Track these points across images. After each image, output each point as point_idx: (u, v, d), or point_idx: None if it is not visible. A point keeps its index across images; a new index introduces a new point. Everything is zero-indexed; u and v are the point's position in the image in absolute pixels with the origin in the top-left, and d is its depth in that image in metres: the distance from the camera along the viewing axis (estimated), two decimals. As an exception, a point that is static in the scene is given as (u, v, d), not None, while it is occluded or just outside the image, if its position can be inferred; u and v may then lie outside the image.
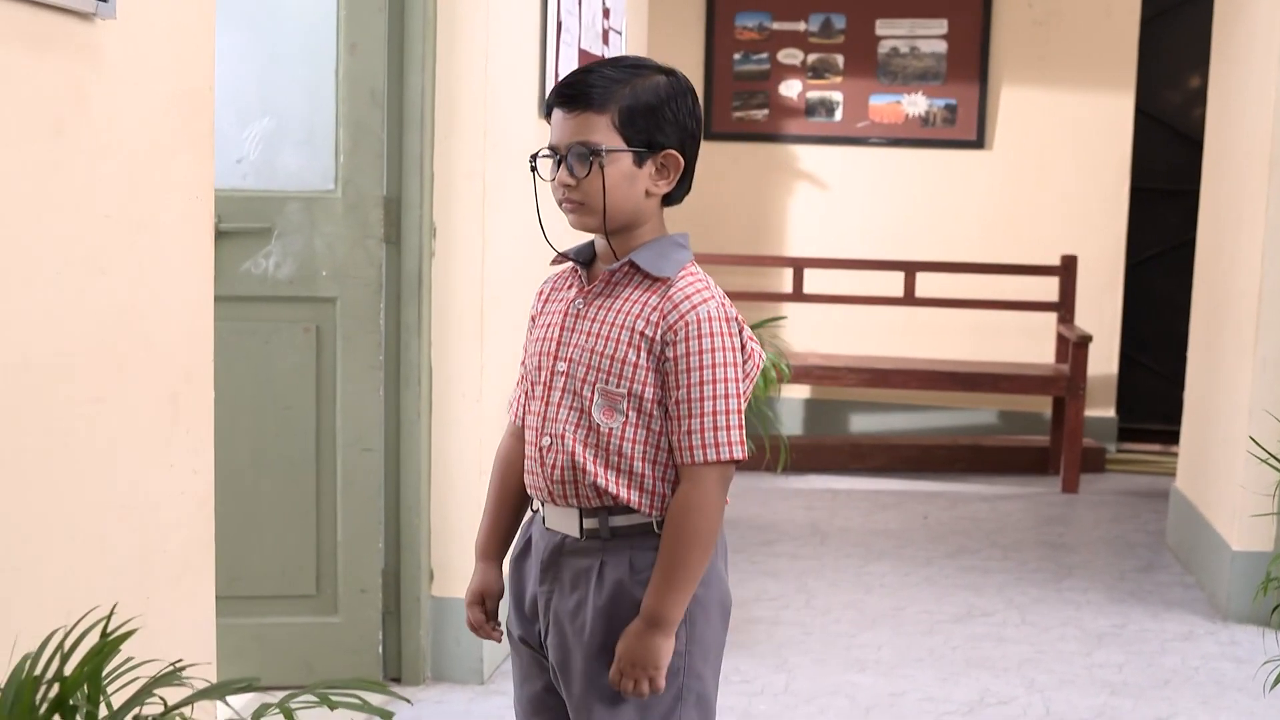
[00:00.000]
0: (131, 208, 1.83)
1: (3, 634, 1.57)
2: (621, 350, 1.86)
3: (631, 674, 1.87)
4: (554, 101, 1.87)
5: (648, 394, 1.86)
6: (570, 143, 1.84)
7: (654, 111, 1.86)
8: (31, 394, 1.64)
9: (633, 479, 1.87)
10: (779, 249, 6.53)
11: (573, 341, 1.89)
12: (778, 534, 4.92)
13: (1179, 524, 4.78)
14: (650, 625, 1.86)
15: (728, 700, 3.34)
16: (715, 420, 1.84)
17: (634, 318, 1.86)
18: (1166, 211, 6.66)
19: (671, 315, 1.84)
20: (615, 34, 4.52)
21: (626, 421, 1.86)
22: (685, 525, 1.85)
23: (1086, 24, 6.30)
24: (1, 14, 1.54)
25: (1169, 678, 3.60)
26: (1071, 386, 5.67)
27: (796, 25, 6.47)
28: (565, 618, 1.91)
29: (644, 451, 1.87)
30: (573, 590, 1.91)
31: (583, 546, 1.91)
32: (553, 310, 1.95)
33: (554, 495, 1.91)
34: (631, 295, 1.88)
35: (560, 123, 1.86)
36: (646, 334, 1.85)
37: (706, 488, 1.86)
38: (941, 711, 3.33)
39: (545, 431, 1.90)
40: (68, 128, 1.68)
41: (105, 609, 1.71)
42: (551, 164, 1.88)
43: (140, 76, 1.83)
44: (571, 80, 1.86)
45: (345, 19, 3.21)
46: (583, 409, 1.88)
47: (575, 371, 1.88)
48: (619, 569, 1.89)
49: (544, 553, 1.94)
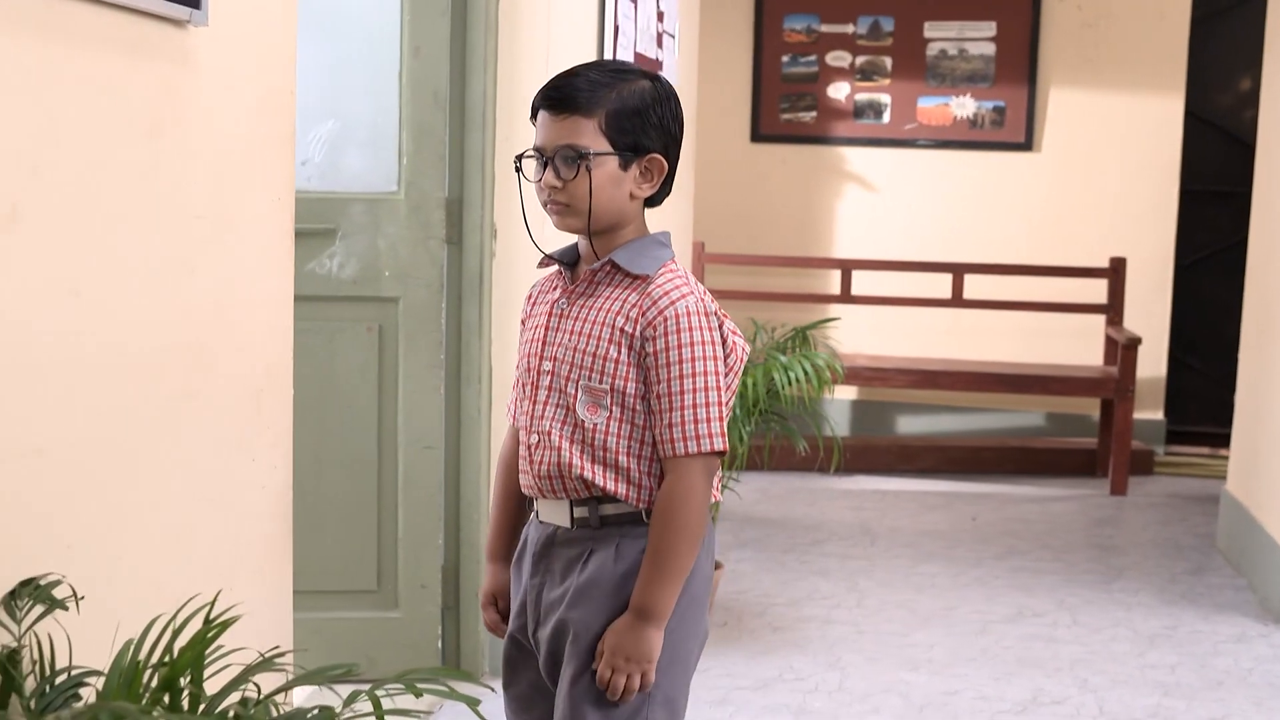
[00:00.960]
0: (219, 208, 1.88)
1: (106, 619, 1.62)
2: (603, 347, 1.89)
3: (623, 669, 1.86)
4: (540, 104, 1.89)
5: (630, 389, 1.89)
6: (557, 145, 1.86)
7: (639, 116, 1.89)
8: (130, 390, 1.70)
9: (619, 472, 1.90)
10: (827, 250, 6.55)
11: (557, 341, 1.93)
12: (827, 534, 4.94)
13: (1230, 526, 4.78)
14: (640, 618, 1.86)
15: (782, 698, 3.38)
16: (695, 413, 1.87)
17: (614, 315, 1.89)
18: (1216, 214, 6.64)
19: (650, 311, 1.87)
20: (669, 37, 4.56)
21: (610, 416, 1.89)
22: (671, 517, 1.88)
23: (1136, 26, 6.29)
24: (102, 22, 1.60)
25: (1222, 679, 3.61)
26: (1121, 389, 5.67)
27: (845, 28, 6.50)
28: (553, 607, 1.93)
29: (628, 446, 1.90)
30: (563, 580, 1.94)
31: (573, 536, 1.94)
32: (540, 313, 1.99)
33: (543, 490, 1.94)
34: (612, 294, 1.91)
35: (547, 125, 1.88)
36: (627, 330, 1.88)
37: (690, 479, 1.88)
38: (995, 710, 3.35)
39: (533, 429, 1.94)
40: (163, 131, 1.74)
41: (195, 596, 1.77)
42: (536, 165, 1.90)
43: (228, 81, 1.88)
44: (559, 84, 1.88)
45: (409, 24, 3.27)
46: (567, 405, 1.91)
47: (560, 370, 1.92)
48: (607, 556, 1.91)
49: (536, 545, 1.97)
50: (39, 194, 1.50)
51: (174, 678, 1.31)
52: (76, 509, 1.61)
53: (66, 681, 1.45)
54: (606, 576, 1.90)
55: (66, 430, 1.58)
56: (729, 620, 3.96)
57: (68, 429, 1.58)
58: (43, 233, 1.51)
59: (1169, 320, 6.42)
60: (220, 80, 1.86)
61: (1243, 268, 5.21)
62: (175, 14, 1.71)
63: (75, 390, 1.59)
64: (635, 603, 1.88)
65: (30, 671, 1.43)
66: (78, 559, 1.60)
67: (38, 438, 1.53)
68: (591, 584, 1.91)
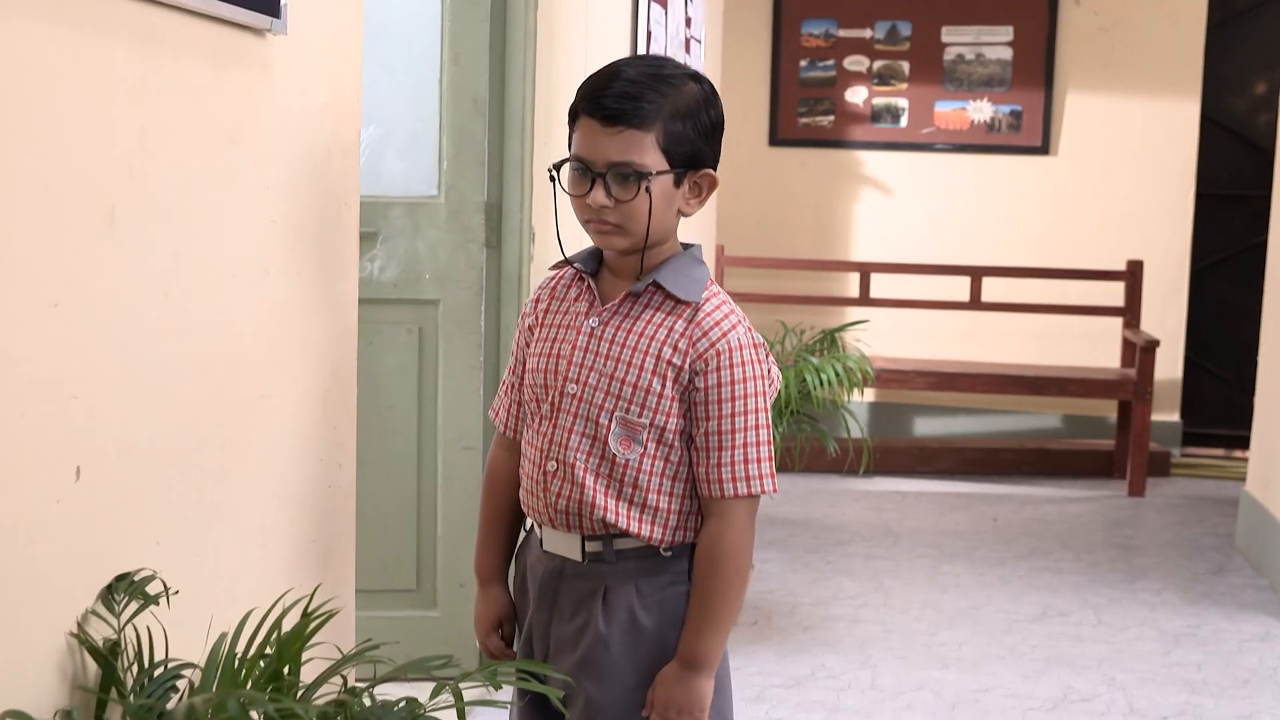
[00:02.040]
0: (291, 213, 1.93)
1: (193, 613, 1.67)
2: (645, 378, 1.76)
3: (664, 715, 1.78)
4: (589, 112, 1.73)
5: (671, 424, 1.77)
6: (613, 162, 1.72)
7: (695, 127, 1.76)
8: (212, 390, 1.75)
9: (645, 511, 1.79)
10: (845, 254, 6.60)
11: (588, 364, 1.78)
12: (850, 534, 4.99)
13: (1250, 527, 4.82)
14: (691, 669, 1.77)
15: (816, 695, 3.42)
16: (747, 453, 1.77)
17: (660, 344, 1.76)
18: (1231, 217, 6.69)
19: (701, 343, 1.76)
20: (696, 42, 4.61)
21: (645, 452, 1.78)
22: (721, 562, 1.77)
23: (1152, 31, 6.34)
24: (190, 31, 1.64)
25: (1248, 677, 3.65)
26: (1139, 391, 5.72)
27: (863, 32, 6.55)
28: (566, 645, 1.82)
29: (660, 484, 1.79)
30: (573, 616, 1.82)
31: (584, 570, 1.82)
32: (559, 324, 1.84)
33: (554, 520, 1.82)
34: (654, 318, 1.78)
35: (596, 137, 1.72)
36: (675, 363, 1.75)
37: (739, 522, 1.78)
38: (1026, 708, 3.39)
39: (552, 456, 1.80)
40: (242, 137, 1.78)
41: (288, 591, 1.82)
42: (577, 177, 1.75)
43: (301, 88, 1.93)
44: (617, 92, 1.72)
45: (449, 31, 3.31)
46: (596, 437, 1.78)
47: (592, 397, 1.78)
48: (626, 595, 1.80)
49: (541, 576, 1.85)
50: (135, 198, 1.55)
51: (280, 668, 1.35)
52: (163, 506, 1.65)
53: (165, 674, 1.49)
54: (647, 635, 1.80)
55: (155, 429, 1.62)
56: (759, 619, 4.00)
57: (156, 428, 1.62)
58: (137, 235, 1.56)
59: (1185, 323, 6.47)
60: (294, 87, 1.91)
61: (1258, 271, 5.25)
62: (257, 23, 1.75)
63: (163, 390, 1.63)
64: (686, 653, 1.78)
65: (131, 664, 1.48)
66: (165, 555, 1.64)
67: (130, 436, 1.57)
68: (605, 650, 1.79)
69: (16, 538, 1.39)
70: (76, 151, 1.45)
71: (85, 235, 1.47)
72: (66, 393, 1.45)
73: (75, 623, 1.48)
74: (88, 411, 1.48)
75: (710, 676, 1.79)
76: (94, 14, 1.46)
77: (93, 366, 1.49)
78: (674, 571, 1.82)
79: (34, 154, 1.38)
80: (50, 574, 1.45)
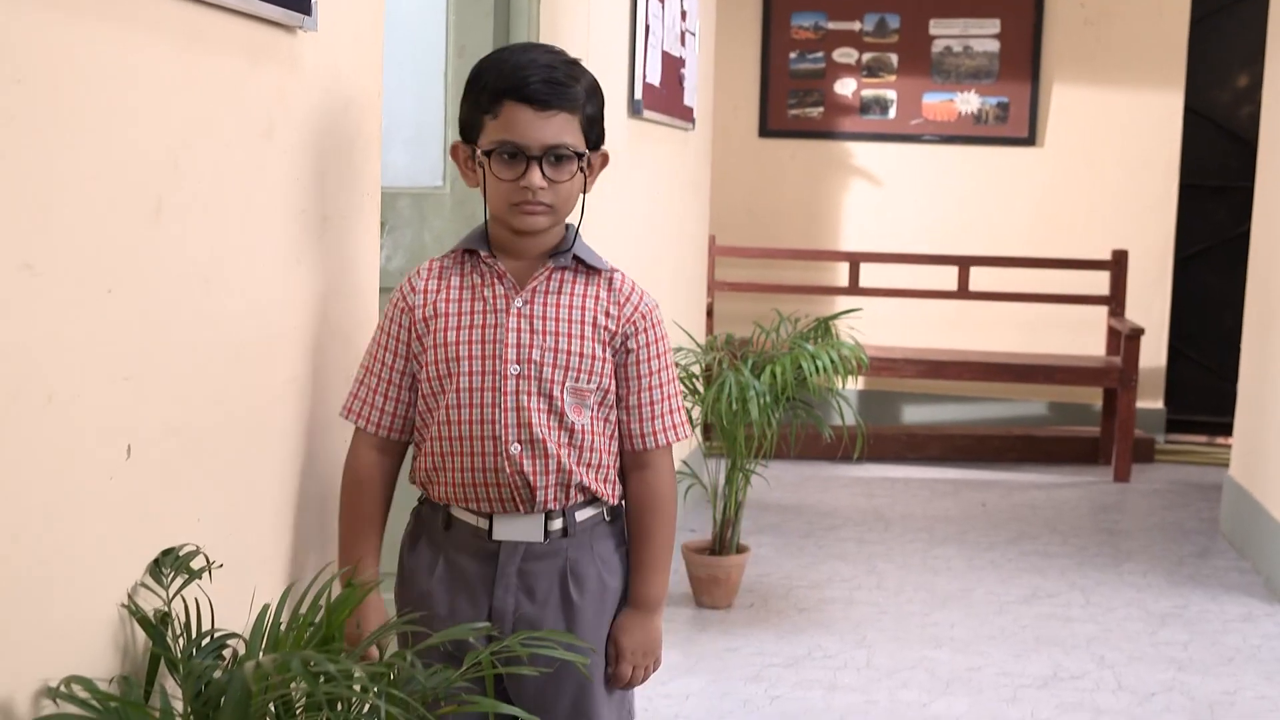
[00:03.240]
0: (319, 204, 2.00)
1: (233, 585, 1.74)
2: (589, 346, 1.86)
3: (643, 662, 1.95)
4: (524, 98, 1.79)
5: (608, 385, 1.88)
6: (550, 144, 1.79)
7: (600, 109, 1.89)
8: (249, 374, 1.82)
9: (599, 471, 1.89)
10: (834, 244, 6.68)
11: (527, 342, 1.84)
12: (842, 519, 5.07)
13: (1233, 511, 4.92)
14: (649, 610, 1.95)
15: (814, 674, 3.51)
16: (671, 404, 1.92)
17: (593, 312, 1.86)
18: (1215, 208, 6.79)
19: (627, 308, 1.89)
20: (690, 35, 4.68)
21: (593, 415, 1.87)
22: (661, 508, 1.93)
23: (1137, 24, 6.44)
24: (229, 28, 1.71)
25: (1232, 655, 3.75)
26: (1124, 378, 5.81)
27: (851, 25, 6.63)
28: (542, 624, 1.88)
29: (605, 444, 1.89)
30: (546, 596, 1.88)
31: (546, 550, 1.88)
32: (472, 310, 1.87)
33: (515, 502, 1.85)
34: (578, 290, 1.87)
35: (531, 121, 1.79)
36: (610, 328, 1.87)
37: (667, 468, 1.94)
38: (1018, 685, 3.48)
39: (516, 439, 1.84)
40: (275, 130, 1.85)
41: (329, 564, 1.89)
42: (505, 161, 1.81)
43: (327, 83, 2.00)
44: (544, 78, 1.80)
45: (454, 24, 3.38)
46: (553, 410, 1.84)
47: (540, 374, 1.83)
48: (590, 564, 1.90)
49: (503, 565, 1.87)
50: (178, 189, 1.62)
51: (329, 634, 1.43)
52: (204, 484, 1.72)
53: (211, 643, 1.56)
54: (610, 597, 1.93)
55: (196, 410, 1.69)
56: (755, 602, 4.08)
57: (197, 409, 1.69)
58: (180, 225, 1.63)
59: (1169, 312, 6.57)
60: (321, 82, 1.98)
61: (1240, 261, 5.35)
62: (290, 20, 1.82)
63: (203, 373, 1.70)
64: (642, 599, 1.94)
65: (180, 634, 1.55)
66: (206, 531, 1.71)
67: (175, 417, 1.64)
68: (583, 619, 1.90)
69: (72, 513, 1.46)
70: (125, 144, 1.52)
71: (135, 225, 1.54)
72: (118, 374, 1.52)
73: (126, 594, 1.56)
74: (137, 393, 1.55)
75: (661, 613, 1.97)
76: (141, 12, 1.53)
77: (142, 350, 1.56)
78: (616, 532, 1.97)
79: (87, 146, 1.45)
80: (103, 548, 1.52)
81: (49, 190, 1.38)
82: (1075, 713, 3.31)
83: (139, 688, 1.50)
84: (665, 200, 4.63)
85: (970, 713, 3.29)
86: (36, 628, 1.41)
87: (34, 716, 1.39)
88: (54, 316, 1.40)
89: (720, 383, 3.79)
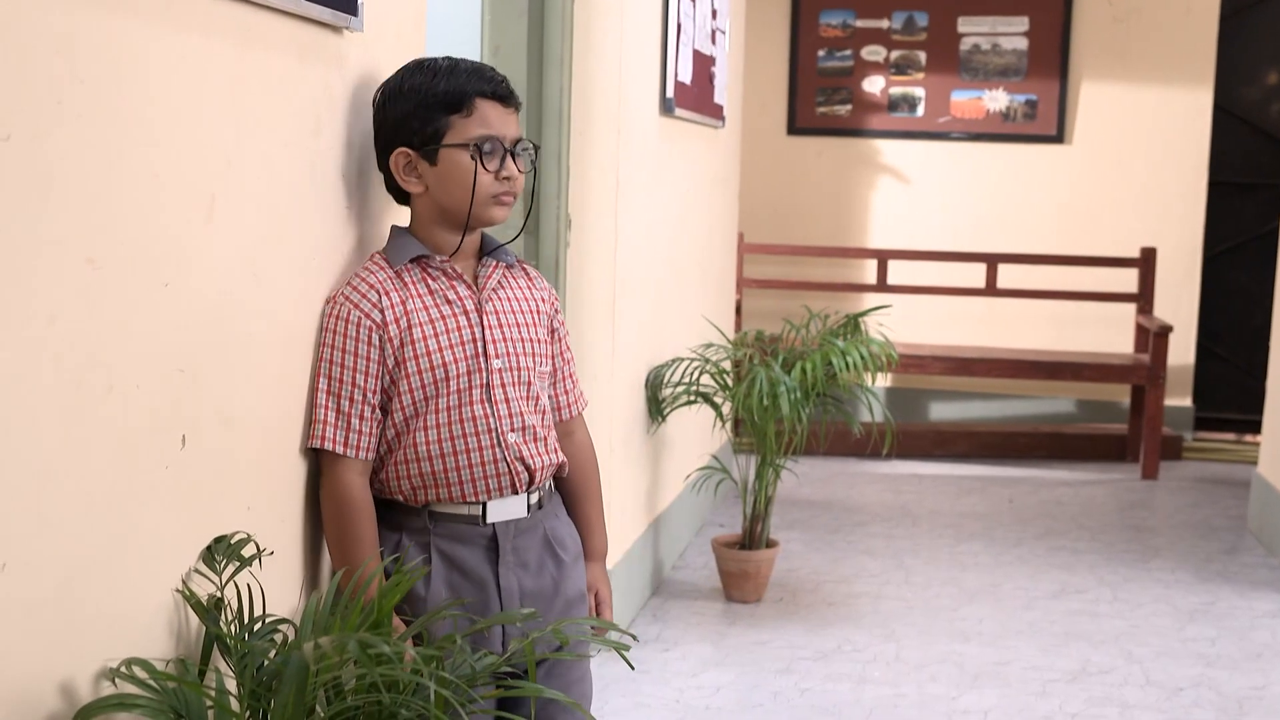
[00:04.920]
0: (363, 201, 2.04)
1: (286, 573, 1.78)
2: (543, 333, 2.03)
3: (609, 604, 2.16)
4: (492, 94, 1.92)
5: (549, 367, 2.07)
6: (518, 138, 1.94)
7: None
8: (294, 366, 1.86)
9: (554, 443, 2.05)
10: (862, 241, 6.70)
11: (500, 336, 1.95)
12: (870, 515, 5.10)
13: (1262, 508, 4.93)
14: (603, 560, 2.18)
15: (843, 668, 3.54)
16: (575, 376, 2.15)
17: (536, 302, 2.03)
18: (1243, 205, 6.79)
19: (547, 293, 2.07)
20: (720, 34, 4.71)
21: (544, 394, 2.04)
22: (594, 468, 2.15)
23: (1165, 21, 6.44)
24: (279, 29, 1.76)
25: (1260, 651, 3.76)
26: (1152, 375, 5.82)
27: (880, 23, 6.64)
28: (546, 591, 1.99)
29: (552, 418, 2.07)
30: (539, 566, 2.00)
31: (529, 523, 1.99)
32: (442, 315, 1.92)
33: (513, 487, 1.95)
34: (518, 283, 2.03)
35: (502, 116, 1.92)
36: (547, 313, 2.05)
37: (587, 431, 2.18)
38: (1046, 679, 3.50)
39: (511, 428, 1.94)
40: (322, 128, 1.89)
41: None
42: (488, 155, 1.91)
43: (370, 82, 2.04)
44: (502, 78, 1.95)
45: (489, 24, 3.42)
46: (530, 395, 1.98)
47: (518, 363, 1.96)
48: (561, 526, 2.06)
49: (503, 545, 1.95)
50: (232, 186, 1.66)
51: (380, 618, 1.47)
52: (253, 473, 1.77)
53: (264, 628, 1.61)
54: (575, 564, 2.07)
55: (246, 401, 1.74)
56: (784, 596, 4.12)
57: (247, 400, 1.74)
58: (233, 221, 1.67)
59: (1197, 309, 6.57)
60: (364, 81, 2.02)
61: (1269, 258, 5.36)
62: (338, 21, 1.86)
63: (254, 365, 1.75)
64: (600, 549, 2.16)
65: (234, 619, 1.59)
66: (256, 519, 1.75)
67: (227, 408, 1.69)
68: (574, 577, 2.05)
69: (131, 500, 1.50)
70: (182, 143, 1.56)
71: (190, 221, 1.58)
72: (174, 366, 1.56)
73: (181, 580, 1.60)
74: (192, 384, 1.60)
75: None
76: (196, 13, 1.57)
77: (196, 342, 1.61)
78: (558, 497, 2.11)
79: (147, 144, 1.49)
80: (159, 535, 1.56)
81: (111, 187, 1.43)
82: (1103, 706, 3.33)
83: (194, 669, 1.55)
84: (695, 197, 4.67)
85: (999, 706, 3.32)
86: (96, 612, 1.45)
87: (94, 697, 1.44)
88: (115, 309, 1.44)
89: (751, 378, 3.83)
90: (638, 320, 3.83)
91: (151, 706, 1.41)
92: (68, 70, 1.35)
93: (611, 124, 3.50)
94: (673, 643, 3.70)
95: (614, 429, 3.55)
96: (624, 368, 3.63)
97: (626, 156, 3.56)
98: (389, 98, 1.94)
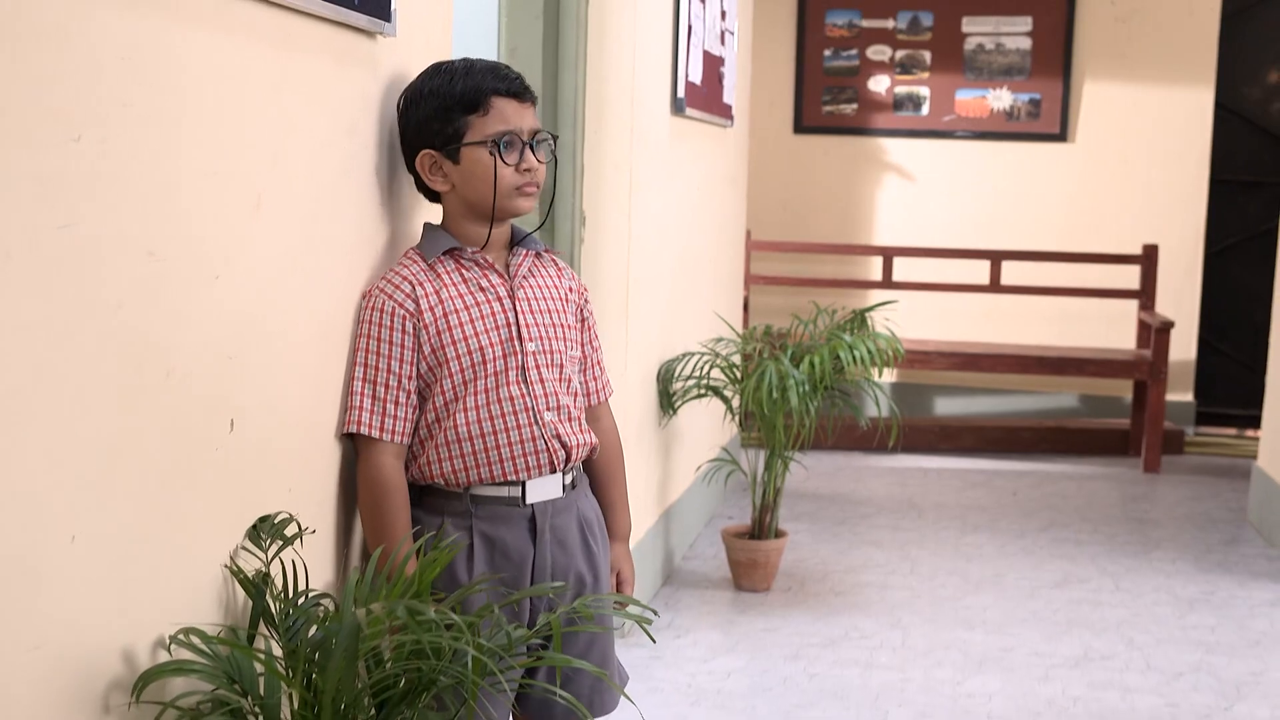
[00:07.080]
0: (392, 197, 2.13)
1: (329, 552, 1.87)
2: (572, 319, 2.11)
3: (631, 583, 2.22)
4: (508, 90, 2.00)
5: (579, 351, 2.14)
6: (537, 130, 2.02)
7: None
8: (332, 355, 1.95)
9: (586, 424, 2.13)
10: (868, 238, 6.79)
11: (533, 321, 2.04)
12: (876, 508, 5.19)
13: (1261, 501, 5.01)
14: (626, 540, 2.25)
15: (851, 654, 3.63)
16: (603, 363, 2.23)
17: (564, 289, 2.11)
18: (1245, 202, 6.87)
19: (576, 282, 2.15)
20: (729, 34, 4.80)
21: (574, 376, 2.11)
22: (619, 452, 2.24)
23: (1167, 21, 6.52)
24: (319, 34, 1.85)
25: (1259, 639, 3.85)
26: (1154, 371, 5.91)
27: (885, 23, 6.73)
28: (584, 571, 2.09)
29: (582, 401, 2.15)
30: (578, 545, 2.08)
31: (564, 504, 2.06)
32: (476, 301, 2.00)
33: (551, 465, 2.03)
34: (546, 270, 2.11)
35: (518, 111, 2.00)
36: (575, 300, 2.13)
37: (613, 415, 2.26)
38: (1049, 665, 3.59)
39: (547, 408, 2.02)
40: (357, 129, 1.98)
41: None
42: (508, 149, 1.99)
43: (402, 84, 2.13)
44: (516, 74, 2.03)
45: (506, 25, 3.51)
46: (562, 378, 2.07)
47: (551, 347, 2.05)
48: (590, 507, 2.13)
49: (541, 525, 2.02)
50: (276, 184, 1.75)
51: (422, 590, 1.56)
52: (294, 456, 1.86)
53: (307, 602, 1.70)
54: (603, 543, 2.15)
55: (288, 388, 1.83)
56: (793, 585, 4.21)
57: (289, 387, 1.83)
58: (277, 217, 1.76)
59: (1199, 305, 6.66)
60: (395, 83, 2.11)
61: (1270, 255, 5.44)
62: (372, 26, 1.95)
63: (296, 353, 1.84)
64: (625, 529, 2.23)
65: (279, 594, 1.68)
66: (297, 500, 1.85)
67: (272, 393, 1.78)
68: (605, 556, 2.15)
69: (184, 480, 1.59)
70: (232, 142, 1.65)
71: (239, 216, 1.67)
72: (224, 353, 1.65)
73: (229, 556, 1.69)
74: (240, 370, 1.69)
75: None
76: (242, 21, 1.66)
77: (244, 331, 1.70)
78: (587, 479, 2.18)
79: (201, 144, 1.58)
80: (209, 513, 1.65)
81: (169, 184, 1.52)
82: (1105, 690, 3.42)
83: (245, 636, 1.64)
84: (705, 195, 4.76)
85: (1003, 690, 3.41)
86: (153, 583, 1.54)
87: (152, 664, 1.53)
88: (173, 299, 1.53)
89: (760, 371, 3.91)
90: (650, 315, 3.92)
91: (207, 672, 1.51)
92: (131, 75, 1.44)
93: (625, 123, 3.59)
94: (684, 630, 3.79)
95: (627, 422, 3.64)
96: (636, 362, 3.72)
97: (639, 155, 3.65)
98: (410, 103, 2.03)
